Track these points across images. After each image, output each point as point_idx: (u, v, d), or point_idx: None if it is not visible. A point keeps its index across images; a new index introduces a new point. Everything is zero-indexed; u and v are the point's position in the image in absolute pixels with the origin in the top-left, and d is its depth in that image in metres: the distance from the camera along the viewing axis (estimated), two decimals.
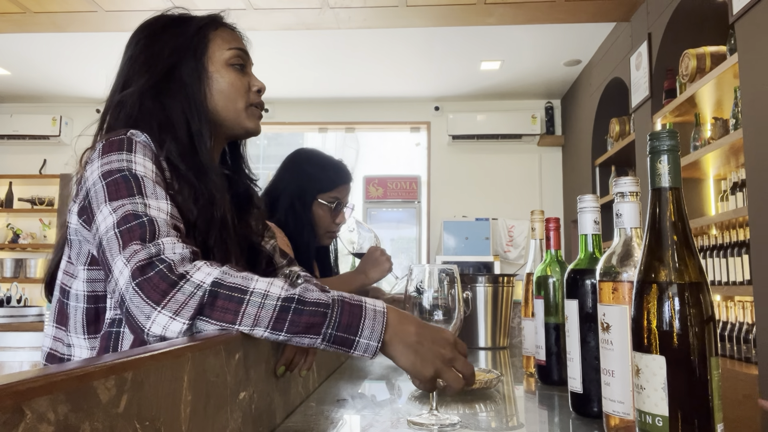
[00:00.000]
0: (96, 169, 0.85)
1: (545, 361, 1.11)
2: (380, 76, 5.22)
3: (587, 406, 0.85)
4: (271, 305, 0.70)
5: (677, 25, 3.29)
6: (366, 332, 0.72)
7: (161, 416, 0.49)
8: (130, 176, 0.84)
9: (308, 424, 0.84)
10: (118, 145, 0.87)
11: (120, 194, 0.81)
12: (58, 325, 0.95)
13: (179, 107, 0.98)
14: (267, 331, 0.70)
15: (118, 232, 0.77)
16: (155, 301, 0.70)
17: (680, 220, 0.60)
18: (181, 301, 0.69)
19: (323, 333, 0.70)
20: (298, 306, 0.71)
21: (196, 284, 0.70)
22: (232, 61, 1.04)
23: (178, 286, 0.70)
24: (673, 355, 0.57)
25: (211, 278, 0.71)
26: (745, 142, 2.51)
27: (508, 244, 5.53)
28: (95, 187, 0.84)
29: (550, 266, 1.13)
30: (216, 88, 1.01)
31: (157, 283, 0.70)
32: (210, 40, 1.03)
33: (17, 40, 4.45)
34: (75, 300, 0.92)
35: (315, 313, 0.71)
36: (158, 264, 0.72)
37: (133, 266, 0.72)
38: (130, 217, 0.78)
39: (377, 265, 1.63)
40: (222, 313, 0.69)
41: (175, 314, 0.69)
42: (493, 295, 1.70)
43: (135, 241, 0.75)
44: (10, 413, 0.32)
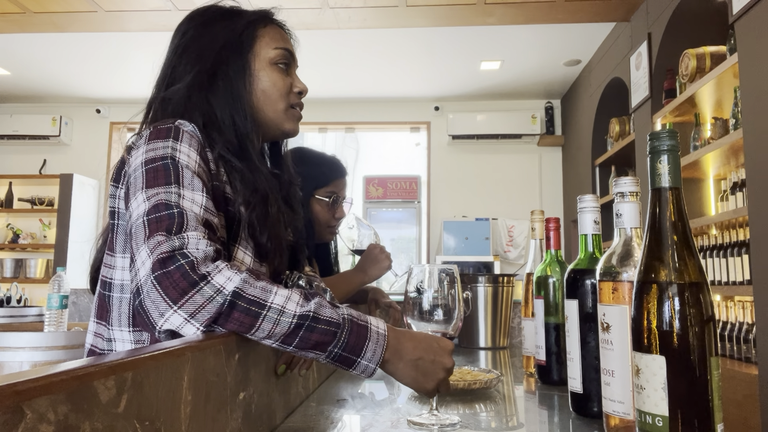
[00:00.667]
0: (140, 155, 0.84)
1: (545, 361, 1.11)
2: (380, 76, 5.22)
3: (587, 406, 0.85)
4: (287, 323, 0.69)
5: (677, 25, 3.29)
6: (368, 354, 0.73)
7: (161, 416, 0.48)
8: (171, 164, 0.82)
9: (308, 424, 0.84)
10: (165, 133, 0.86)
11: (158, 182, 0.80)
12: (98, 320, 0.92)
13: (226, 105, 0.96)
14: (276, 343, 0.70)
15: (146, 221, 0.75)
16: (173, 299, 0.68)
17: (680, 220, 0.60)
18: (199, 303, 0.67)
19: (329, 351, 0.71)
20: (311, 324, 0.70)
21: (217, 288, 0.68)
22: (277, 60, 1.02)
23: (198, 287, 0.68)
24: (673, 355, 0.57)
25: (233, 285, 0.69)
26: (745, 142, 2.51)
27: (508, 244, 5.53)
28: (135, 173, 0.83)
29: (550, 266, 1.13)
30: (259, 87, 1.00)
31: (177, 280, 0.68)
32: (257, 37, 1.01)
33: (17, 40, 4.45)
34: (119, 291, 0.90)
35: (326, 332, 0.71)
36: (180, 258, 0.69)
37: (155, 257, 0.70)
38: (162, 206, 0.76)
39: (377, 263, 1.63)
40: (237, 324, 0.68)
41: (191, 317, 0.67)
42: (493, 295, 1.70)
43: (161, 232, 0.73)
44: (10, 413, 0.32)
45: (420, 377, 0.75)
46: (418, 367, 0.75)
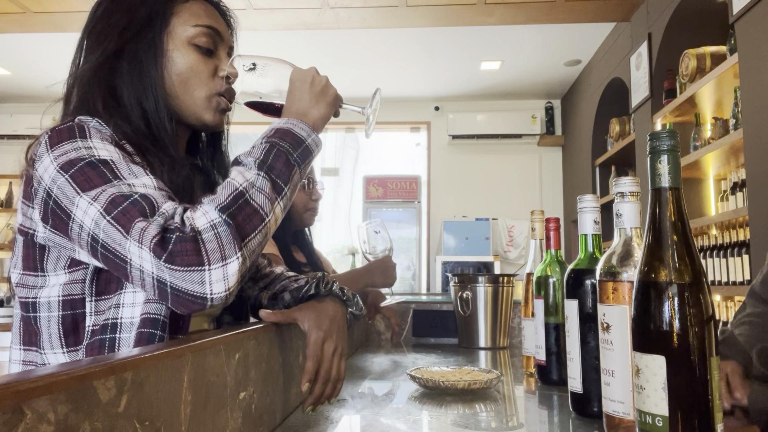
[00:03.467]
0: (50, 164, 0.73)
1: (545, 361, 1.11)
2: (380, 76, 5.22)
3: (587, 406, 0.85)
4: (262, 179, 0.74)
5: (677, 25, 3.29)
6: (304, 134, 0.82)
7: (161, 416, 0.48)
8: (97, 162, 0.73)
9: (308, 424, 0.84)
10: (67, 134, 0.76)
11: (93, 183, 0.71)
12: (26, 346, 0.81)
13: (132, 89, 0.86)
14: (280, 200, 0.75)
15: (112, 219, 0.68)
16: (196, 263, 0.65)
17: (680, 220, 0.60)
18: (215, 247, 0.66)
19: (294, 160, 0.78)
20: (266, 165, 0.76)
21: (209, 226, 0.67)
22: (196, 41, 0.89)
23: (199, 240, 0.66)
24: (673, 355, 0.57)
25: (213, 211, 0.68)
26: (745, 142, 2.51)
27: (508, 244, 5.52)
28: (57, 183, 0.72)
29: (550, 266, 1.13)
30: (173, 70, 0.88)
31: (183, 247, 0.65)
32: (175, 13, 0.89)
33: (17, 40, 4.45)
34: (46, 309, 0.79)
35: (276, 154, 0.77)
36: (170, 234, 0.66)
37: (150, 246, 0.65)
38: (119, 199, 0.69)
39: (385, 275, 1.64)
40: (250, 221, 0.70)
41: (224, 259, 0.66)
42: (493, 295, 1.70)
43: (137, 219, 0.67)
44: (10, 413, 0.32)
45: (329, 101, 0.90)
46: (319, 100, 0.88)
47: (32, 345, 0.81)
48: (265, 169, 0.75)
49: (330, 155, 5.96)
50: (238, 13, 1.02)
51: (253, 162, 0.76)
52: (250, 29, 3.92)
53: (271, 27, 4.00)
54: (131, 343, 0.75)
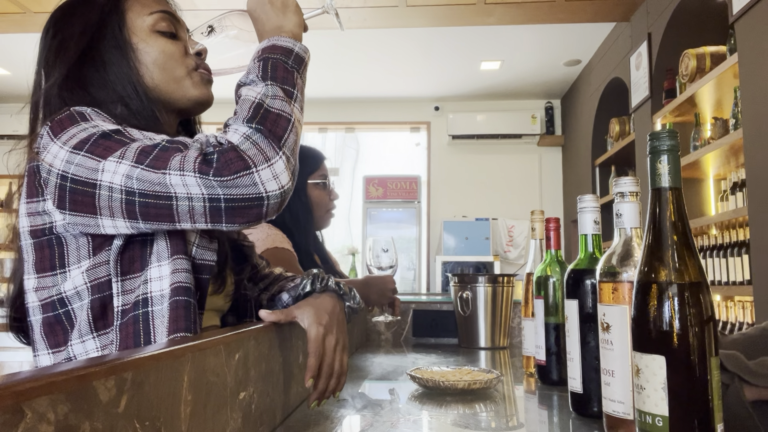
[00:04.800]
0: (59, 150, 0.72)
1: (545, 361, 1.11)
2: (380, 76, 5.22)
3: (587, 406, 0.85)
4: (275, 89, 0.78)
5: (677, 25, 3.29)
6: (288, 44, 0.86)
7: (161, 416, 0.48)
8: (110, 132, 0.72)
9: (308, 424, 0.84)
10: (69, 120, 0.75)
11: (113, 149, 0.70)
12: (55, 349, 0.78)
13: (111, 93, 0.85)
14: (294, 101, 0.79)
15: (146, 166, 0.68)
16: (243, 168, 0.68)
17: (680, 220, 0.60)
18: (255, 151, 0.70)
19: (291, 67, 0.83)
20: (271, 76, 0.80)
21: (243, 136, 0.71)
22: (158, 27, 0.89)
23: (238, 150, 0.69)
24: (673, 355, 0.57)
25: (243, 125, 0.72)
26: (745, 142, 2.51)
27: (508, 244, 5.52)
28: (74, 162, 0.70)
29: (550, 266, 1.13)
30: (148, 60, 0.88)
31: (227, 158, 0.68)
32: (126, 9, 0.89)
33: (17, 40, 4.45)
34: (77, 299, 0.76)
35: (274, 66, 0.81)
36: (211, 153, 0.69)
37: (194, 168, 0.68)
38: (147, 148, 0.70)
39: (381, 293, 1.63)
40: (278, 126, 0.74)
41: (267, 159, 0.70)
42: (492, 295, 1.70)
43: (173, 155, 0.69)
44: (10, 413, 0.32)
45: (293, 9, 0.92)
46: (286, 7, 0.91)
47: (60, 345, 0.77)
48: (269, 78, 0.79)
49: (330, 155, 5.96)
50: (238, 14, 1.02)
51: (256, 77, 0.79)
52: None
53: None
54: (166, 314, 0.74)
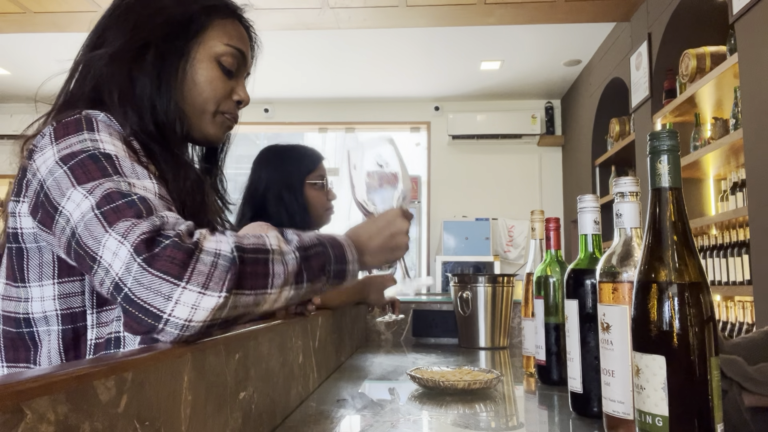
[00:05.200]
0: (51, 156, 0.70)
1: (545, 361, 1.11)
2: (380, 76, 5.22)
3: (587, 406, 0.85)
4: (292, 258, 0.67)
5: (677, 25, 3.29)
6: (349, 257, 0.76)
7: (161, 416, 0.48)
8: (101, 155, 0.68)
9: (308, 424, 0.84)
10: (74, 126, 0.72)
11: (92, 176, 0.66)
12: (11, 363, 0.76)
13: (148, 86, 0.84)
14: (293, 289, 0.67)
15: (101, 213, 0.62)
16: (175, 275, 0.56)
17: (680, 220, 0.60)
18: (205, 272, 0.58)
19: (328, 270, 0.72)
20: (306, 253, 0.70)
21: (213, 253, 0.59)
22: (223, 59, 0.89)
23: (195, 257, 0.58)
24: (673, 355, 0.57)
25: (228, 244, 0.61)
26: (745, 142, 2.51)
27: (508, 244, 5.52)
28: (53, 175, 0.68)
29: (550, 266, 1.13)
30: (191, 78, 0.87)
31: (172, 254, 0.57)
32: (210, 26, 0.88)
33: (17, 40, 4.45)
34: (44, 324, 0.74)
35: (318, 254, 0.71)
36: (164, 238, 0.59)
37: (134, 241, 0.58)
38: (115, 195, 0.63)
39: (380, 295, 1.63)
40: (254, 279, 0.62)
41: (205, 288, 0.57)
42: (492, 295, 1.70)
43: (126, 218, 0.61)
44: (10, 413, 0.32)
45: (390, 254, 0.84)
46: (385, 248, 0.84)
47: (20, 361, 0.75)
48: (302, 255, 0.69)
49: (330, 155, 5.96)
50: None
51: (296, 241, 0.71)
52: None
53: (271, 27, 4.00)
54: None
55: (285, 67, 4.96)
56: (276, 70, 5.00)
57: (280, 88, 5.43)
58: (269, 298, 0.64)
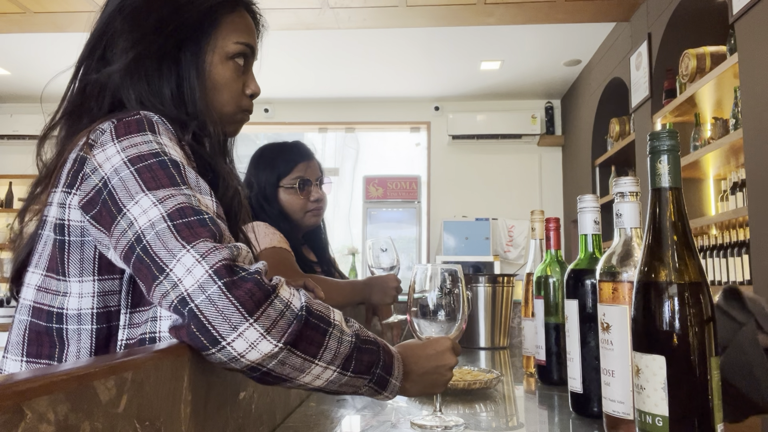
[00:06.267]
0: (115, 153, 0.68)
1: (545, 361, 1.11)
2: (380, 76, 5.22)
3: (587, 406, 0.85)
4: (348, 342, 0.65)
5: (677, 25, 3.29)
6: (396, 372, 0.71)
7: (161, 416, 0.48)
8: (169, 162, 0.68)
9: (308, 424, 0.84)
10: (137, 126, 0.71)
11: (161, 183, 0.66)
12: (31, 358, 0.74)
13: (170, 98, 0.83)
14: (337, 371, 0.64)
15: (173, 225, 0.62)
16: (249, 309, 0.57)
17: (680, 220, 0.60)
18: (273, 317, 0.58)
19: (373, 373, 0.68)
20: (361, 344, 0.67)
21: (285, 303, 0.60)
22: (235, 57, 0.89)
23: (270, 300, 0.59)
24: (673, 355, 0.57)
25: (300, 301, 0.62)
26: (745, 142, 2.51)
27: (508, 244, 5.52)
28: (120, 175, 0.67)
29: (550, 266, 1.13)
30: (209, 81, 0.87)
31: (252, 290, 0.58)
32: (220, 25, 0.87)
33: (17, 40, 4.45)
34: (76, 322, 0.73)
35: (372, 351, 0.68)
36: (244, 271, 0.59)
37: (215, 263, 0.58)
38: (188, 210, 0.63)
39: (384, 293, 1.60)
40: (308, 344, 0.61)
41: (267, 332, 0.58)
42: (492, 295, 1.70)
43: (204, 238, 0.61)
44: (10, 413, 0.32)
45: (429, 388, 0.77)
46: (425, 382, 0.76)
47: (42, 357, 0.74)
48: (357, 344, 0.67)
49: (330, 155, 5.96)
50: None
51: (356, 328, 0.68)
52: None
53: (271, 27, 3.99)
54: None
55: (285, 67, 4.96)
56: (276, 70, 4.99)
57: (280, 88, 5.43)
58: (314, 370, 0.62)
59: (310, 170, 1.75)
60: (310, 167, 1.75)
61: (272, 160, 1.73)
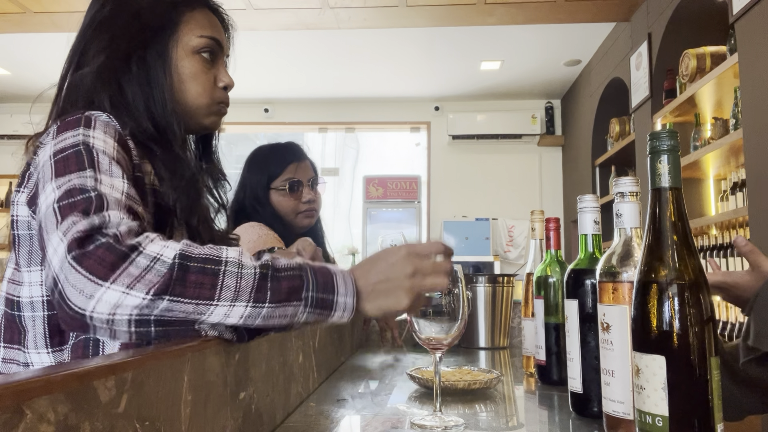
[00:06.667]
0: (48, 150, 0.75)
1: (545, 361, 1.11)
2: (380, 76, 5.22)
3: (587, 406, 0.85)
4: (250, 274, 0.62)
5: (677, 25, 3.29)
6: (341, 289, 0.66)
7: (161, 416, 0.48)
8: (84, 150, 0.73)
9: (308, 424, 0.84)
10: (74, 123, 0.77)
11: (69, 169, 0.70)
12: (7, 344, 0.81)
13: (139, 91, 0.88)
14: (249, 305, 0.61)
15: (57, 207, 0.65)
16: (101, 276, 0.59)
17: (680, 220, 0.60)
18: (135, 274, 0.59)
19: (304, 297, 0.64)
20: (274, 273, 0.64)
21: (153, 257, 0.60)
22: (200, 49, 0.93)
23: (129, 259, 0.60)
24: (673, 355, 0.57)
25: (173, 250, 0.61)
26: (745, 142, 2.51)
27: (508, 244, 5.52)
28: (43, 167, 0.73)
29: (550, 266, 1.13)
30: (178, 77, 0.91)
31: (102, 255, 0.59)
32: (182, 22, 0.92)
33: (17, 40, 4.45)
34: (30, 309, 0.79)
35: (292, 276, 0.64)
36: (100, 237, 0.61)
37: (69, 239, 0.61)
38: (75, 191, 0.67)
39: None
40: (196, 288, 0.60)
41: (129, 288, 0.59)
42: (492, 295, 1.70)
43: (75, 213, 0.64)
44: (10, 413, 0.32)
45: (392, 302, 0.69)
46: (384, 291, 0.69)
47: (14, 343, 0.80)
48: (266, 274, 0.64)
49: (330, 155, 5.96)
50: (237, 13, 1.03)
51: (266, 260, 0.65)
52: (249, 29, 3.92)
53: (271, 27, 4.00)
54: (116, 345, 0.76)
55: (285, 67, 4.96)
56: (276, 70, 5.00)
57: (280, 88, 5.43)
58: (216, 311, 0.61)
59: (300, 171, 1.73)
60: (300, 168, 1.74)
61: (263, 161, 1.73)
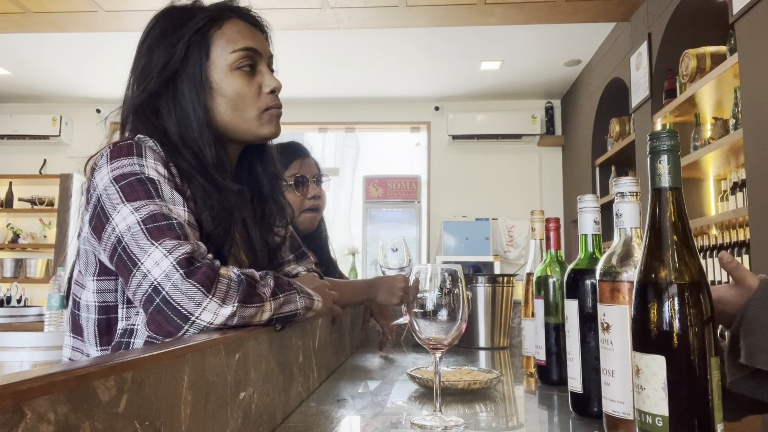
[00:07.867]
0: (106, 174, 0.83)
1: (545, 361, 1.11)
2: (380, 76, 5.22)
3: (587, 406, 0.85)
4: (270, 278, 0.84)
5: (677, 25, 3.29)
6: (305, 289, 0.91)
7: (161, 416, 0.48)
8: (146, 179, 0.82)
9: (308, 424, 0.84)
10: (127, 150, 0.85)
11: (138, 196, 0.80)
12: (74, 335, 0.94)
13: (173, 120, 0.93)
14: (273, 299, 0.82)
15: (146, 228, 0.76)
16: (207, 288, 0.73)
17: (680, 220, 0.60)
18: (223, 290, 0.75)
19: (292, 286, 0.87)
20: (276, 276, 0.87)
21: (228, 277, 0.77)
22: (238, 64, 0.94)
23: (219, 278, 0.75)
24: (673, 355, 0.57)
25: (235, 272, 0.79)
26: (745, 142, 2.51)
27: (508, 244, 5.52)
28: (107, 191, 0.81)
29: (550, 266, 1.13)
30: (221, 98, 0.94)
31: (206, 272, 0.74)
32: (212, 44, 0.94)
33: (17, 40, 4.45)
34: (86, 311, 0.90)
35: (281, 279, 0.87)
36: (201, 260, 0.76)
37: (177, 256, 0.74)
38: (159, 216, 0.78)
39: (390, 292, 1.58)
40: (254, 297, 0.78)
41: (223, 301, 0.74)
42: (492, 295, 1.70)
43: (170, 237, 0.76)
44: (10, 413, 0.32)
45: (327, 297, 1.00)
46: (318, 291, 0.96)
47: (78, 335, 0.93)
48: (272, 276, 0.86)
49: (330, 155, 5.96)
50: None
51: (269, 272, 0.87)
52: None
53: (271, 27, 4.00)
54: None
55: (285, 66, 4.93)
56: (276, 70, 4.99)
57: None
58: (265, 306, 0.80)
59: (305, 167, 1.73)
60: (305, 164, 1.74)
61: None
